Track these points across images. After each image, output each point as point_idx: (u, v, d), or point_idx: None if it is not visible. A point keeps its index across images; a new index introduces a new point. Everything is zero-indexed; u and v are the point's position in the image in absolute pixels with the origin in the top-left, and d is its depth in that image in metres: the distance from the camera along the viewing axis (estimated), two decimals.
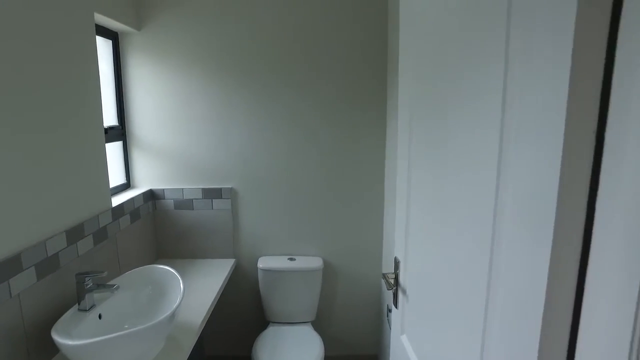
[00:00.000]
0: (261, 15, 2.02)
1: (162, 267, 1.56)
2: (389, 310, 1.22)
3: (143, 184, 2.18)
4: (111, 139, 1.98)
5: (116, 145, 2.09)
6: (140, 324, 1.23)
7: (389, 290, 1.22)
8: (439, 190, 0.87)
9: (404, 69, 1.11)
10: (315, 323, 2.30)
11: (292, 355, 1.88)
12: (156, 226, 2.21)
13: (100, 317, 1.36)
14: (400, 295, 1.17)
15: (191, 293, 1.80)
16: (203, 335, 2.36)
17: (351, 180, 2.18)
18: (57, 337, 1.14)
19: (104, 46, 1.98)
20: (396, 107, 1.72)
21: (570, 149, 0.47)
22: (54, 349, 1.31)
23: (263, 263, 2.15)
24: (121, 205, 1.83)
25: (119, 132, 2.08)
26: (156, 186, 2.18)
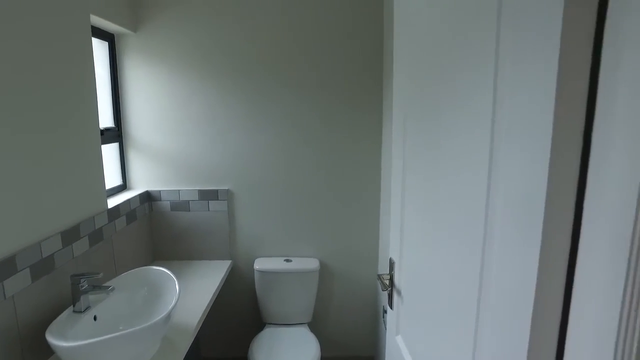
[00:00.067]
0: (257, 17, 2.02)
1: (158, 269, 1.56)
2: (385, 311, 1.22)
3: (139, 186, 2.18)
4: (107, 141, 1.98)
5: (112, 146, 2.09)
6: (135, 326, 1.23)
7: (384, 291, 1.22)
8: (433, 191, 0.88)
9: (399, 70, 1.11)
10: (311, 324, 2.30)
11: (289, 356, 1.88)
12: (152, 228, 2.21)
13: (95, 319, 1.35)
14: (395, 296, 1.18)
15: (187, 294, 1.80)
16: (200, 336, 2.36)
17: (347, 181, 2.18)
18: (52, 339, 1.13)
19: (100, 48, 1.98)
20: (392, 109, 1.72)
21: (558, 149, 0.47)
22: (49, 351, 1.31)
23: (259, 264, 2.15)
24: (117, 206, 1.83)
25: (116, 134, 2.07)
26: (152, 188, 2.17)
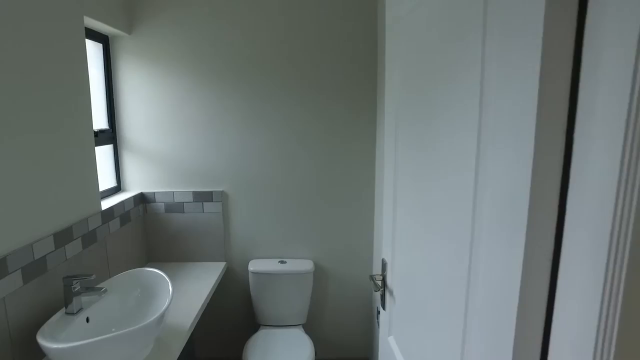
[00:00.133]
0: (252, 19, 2.03)
1: (151, 270, 1.55)
2: (378, 312, 1.23)
3: (134, 187, 2.17)
4: (102, 142, 1.98)
5: (107, 148, 2.08)
6: (128, 327, 1.22)
7: (376, 292, 1.23)
8: (423, 192, 0.88)
9: (391, 74, 1.12)
10: (306, 326, 2.30)
11: (283, 357, 1.88)
12: (147, 229, 2.20)
13: (87, 321, 1.35)
14: (387, 296, 1.18)
15: (181, 296, 1.80)
16: (194, 338, 2.35)
17: (342, 182, 2.19)
18: (42, 341, 1.12)
19: (95, 49, 1.97)
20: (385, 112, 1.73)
21: (541, 151, 0.48)
22: (41, 354, 1.30)
23: (254, 266, 2.15)
24: (111, 208, 1.82)
25: (110, 136, 2.07)
26: (147, 189, 2.17)
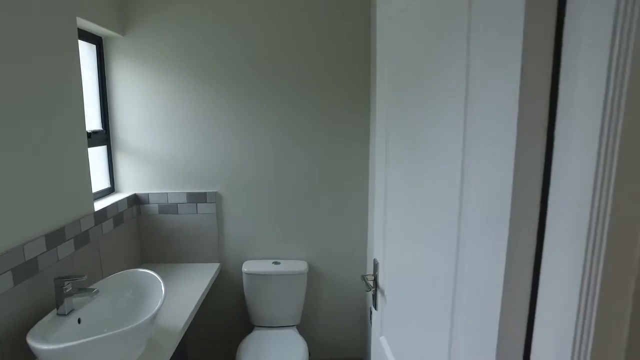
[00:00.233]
0: (247, 20, 2.04)
1: (144, 271, 1.55)
2: (371, 312, 1.23)
3: (127, 189, 2.16)
4: (95, 144, 1.97)
5: (100, 149, 2.08)
6: (120, 328, 1.22)
7: (368, 292, 1.23)
8: (413, 191, 0.89)
9: (382, 74, 1.13)
10: (300, 327, 2.29)
11: (276, 359, 1.87)
12: (140, 231, 2.20)
13: (79, 322, 1.34)
14: (379, 296, 1.18)
15: (174, 297, 1.79)
16: (187, 339, 2.34)
17: (336, 183, 2.19)
18: (33, 342, 1.12)
19: (88, 51, 1.97)
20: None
21: (523, 146, 0.48)
22: (32, 356, 1.29)
23: (248, 267, 2.15)
24: (104, 209, 1.82)
25: (103, 137, 2.07)
26: (140, 190, 2.16)
